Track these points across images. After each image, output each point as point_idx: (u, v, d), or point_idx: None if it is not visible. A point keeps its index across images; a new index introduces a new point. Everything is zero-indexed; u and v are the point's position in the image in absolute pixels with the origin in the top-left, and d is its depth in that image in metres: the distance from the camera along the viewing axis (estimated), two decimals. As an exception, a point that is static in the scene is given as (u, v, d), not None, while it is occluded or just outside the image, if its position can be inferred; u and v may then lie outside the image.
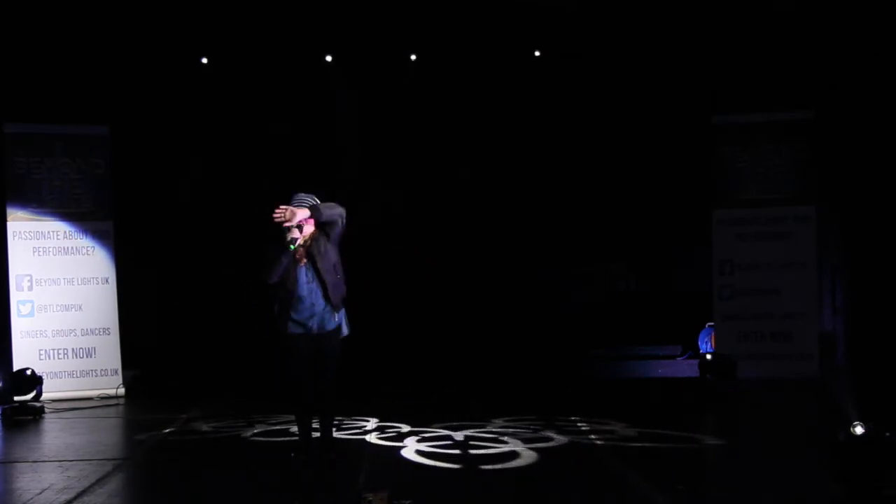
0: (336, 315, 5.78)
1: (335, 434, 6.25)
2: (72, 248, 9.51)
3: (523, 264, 11.48)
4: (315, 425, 5.96)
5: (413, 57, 10.53)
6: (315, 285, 5.70)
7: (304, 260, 5.70)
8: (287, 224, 5.58)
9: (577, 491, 5.17)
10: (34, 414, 8.21)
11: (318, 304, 5.72)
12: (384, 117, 10.89)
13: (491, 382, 10.05)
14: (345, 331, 5.88)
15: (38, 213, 9.43)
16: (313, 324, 5.73)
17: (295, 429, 6.25)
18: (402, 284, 11.06)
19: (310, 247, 5.72)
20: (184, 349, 10.55)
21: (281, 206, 5.57)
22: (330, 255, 5.75)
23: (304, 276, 5.70)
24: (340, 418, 7.11)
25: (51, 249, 9.44)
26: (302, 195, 5.75)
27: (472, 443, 6.51)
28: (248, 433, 7.19)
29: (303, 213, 5.57)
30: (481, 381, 10.14)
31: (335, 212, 5.67)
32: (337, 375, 5.85)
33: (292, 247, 5.62)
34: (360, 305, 6.39)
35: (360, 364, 9.18)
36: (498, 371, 10.59)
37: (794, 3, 9.12)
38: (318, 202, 5.72)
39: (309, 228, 5.73)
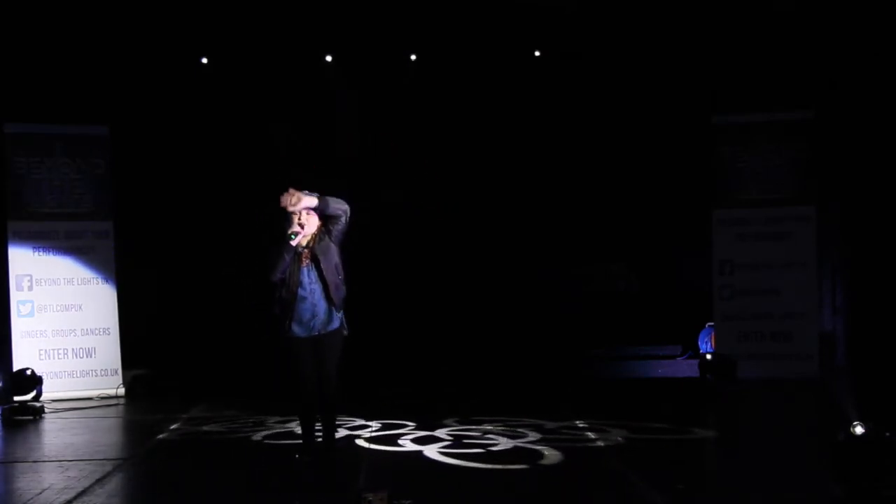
0: (337, 315, 5.78)
1: (337, 435, 6.23)
2: (72, 248, 9.51)
3: (523, 264, 11.47)
4: (317, 425, 5.96)
5: (413, 57, 10.52)
6: (317, 286, 5.68)
7: (308, 260, 5.69)
8: (292, 209, 5.55)
9: (577, 491, 5.18)
10: (34, 414, 8.20)
11: (319, 305, 5.69)
12: (384, 117, 10.89)
13: (490, 382, 10.04)
14: (345, 331, 5.88)
15: (38, 213, 9.43)
16: (315, 325, 5.70)
17: (297, 429, 6.25)
18: (401, 284, 11.05)
19: (313, 247, 5.71)
20: (184, 349, 10.54)
21: (290, 190, 5.55)
22: (332, 255, 5.73)
23: (307, 276, 5.67)
24: (341, 420, 7.11)
25: (51, 249, 9.44)
26: (305, 194, 5.77)
27: (470, 443, 6.51)
28: (249, 433, 7.19)
29: (309, 201, 5.54)
30: (481, 381, 10.14)
31: (341, 206, 5.66)
32: (339, 377, 5.84)
33: (293, 235, 5.61)
34: (360, 305, 6.39)
35: (359, 364, 9.18)
36: (497, 371, 10.59)
37: (794, 3, 9.11)
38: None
39: (312, 227, 5.72)
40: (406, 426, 7.22)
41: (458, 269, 11.26)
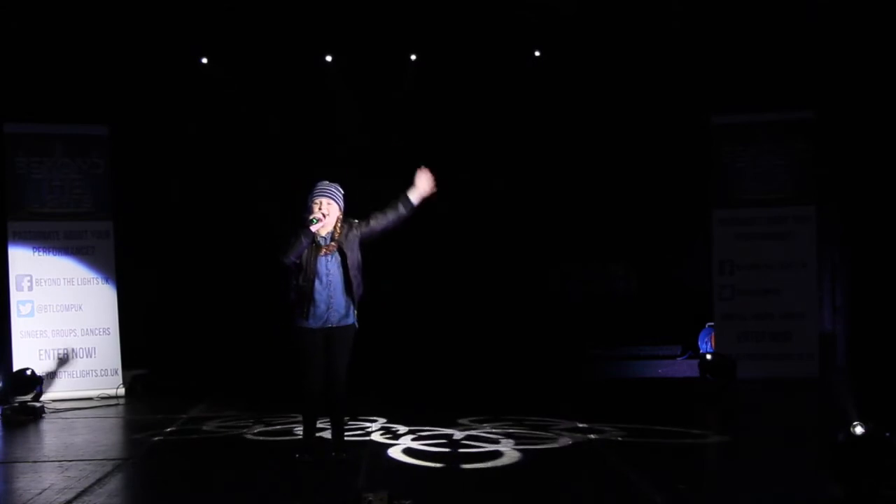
0: (353, 311, 5.78)
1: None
2: (72, 248, 9.51)
3: (523, 264, 11.48)
4: (321, 425, 5.95)
5: (413, 57, 10.52)
6: (336, 278, 5.68)
7: (325, 250, 5.67)
8: (421, 183, 5.91)
9: (577, 491, 5.17)
10: (34, 414, 8.20)
11: (336, 298, 5.67)
12: (384, 117, 10.89)
13: (490, 382, 10.05)
14: (356, 325, 5.88)
15: (38, 214, 9.43)
16: (330, 317, 5.68)
17: (298, 429, 6.24)
18: (400, 285, 11.05)
19: (338, 239, 5.71)
20: (184, 349, 10.54)
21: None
22: (356, 251, 5.75)
23: (325, 266, 5.67)
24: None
25: (51, 249, 9.44)
26: (326, 183, 5.78)
27: (471, 443, 6.51)
28: (249, 433, 7.19)
29: (419, 197, 5.87)
30: (481, 380, 10.14)
31: (401, 219, 5.86)
32: (348, 375, 5.83)
33: (314, 220, 5.61)
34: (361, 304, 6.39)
35: (359, 362, 9.14)
36: (497, 371, 10.59)
37: (795, 3, 9.11)
38: (343, 192, 5.81)
39: (331, 219, 5.70)
40: (406, 426, 7.22)
41: (457, 269, 11.27)
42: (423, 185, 5.89)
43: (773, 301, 9.48)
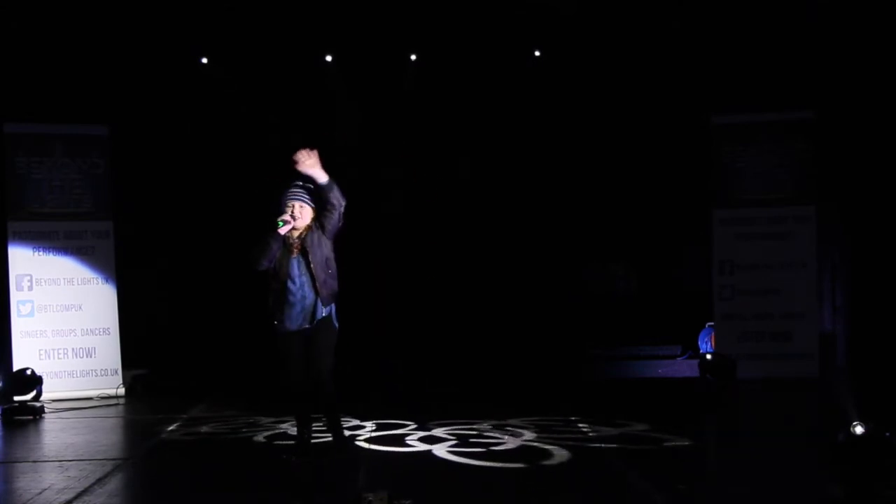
0: (325, 310, 5.78)
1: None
2: (72, 248, 9.51)
3: (523, 264, 11.47)
4: (319, 426, 5.96)
5: (413, 57, 10.52)
6: (306, 279, 5.70)
7: (297, 252, 5.72)
8: (302, 168, 5.61)
9: (577, 491, 5.18)
10: (34, 414, 8.20)
11: (308, 298, 5.71)
12: (385, 117, 10.89)
13: (490, 382, 10.04)
14: (335, 324, 5.88)
15: (38, 214, 9.43)
16: (304, 318, 5.73)
17: (294, 430, 6.25)
18: (400, 286, 11.05)
19: (304, 238, 5.73)
20: (184, 349, 10.53)
21: (311, 151, 5.62)
22: (323, 248, 5.77)
23: (296, 268, 5.71)
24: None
25: (51, 249, 9.44)
26: (300, 186, 5.82)
27: (471, 442, 6.51)
28: (249, 433, 7.19)
29: (320, 173, 5.63)
30: (480, 380, 10.14)
31: (339, 198, 5.71)
32: (334, 373, 5.85)
33: (280, 223, 5.63)
34: (359, 304, 6.39)
35: (359, 361, 9.18)
36: (497, 370, 10.58)
37: (795, 3, 9.11)
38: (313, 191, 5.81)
39: (305, 220, 5.76)
40: (405, 425, 7.22)
41: (457, 269, 11.26)
42: (306, 168, 5.70)
43: (773, 301, 9.47)
